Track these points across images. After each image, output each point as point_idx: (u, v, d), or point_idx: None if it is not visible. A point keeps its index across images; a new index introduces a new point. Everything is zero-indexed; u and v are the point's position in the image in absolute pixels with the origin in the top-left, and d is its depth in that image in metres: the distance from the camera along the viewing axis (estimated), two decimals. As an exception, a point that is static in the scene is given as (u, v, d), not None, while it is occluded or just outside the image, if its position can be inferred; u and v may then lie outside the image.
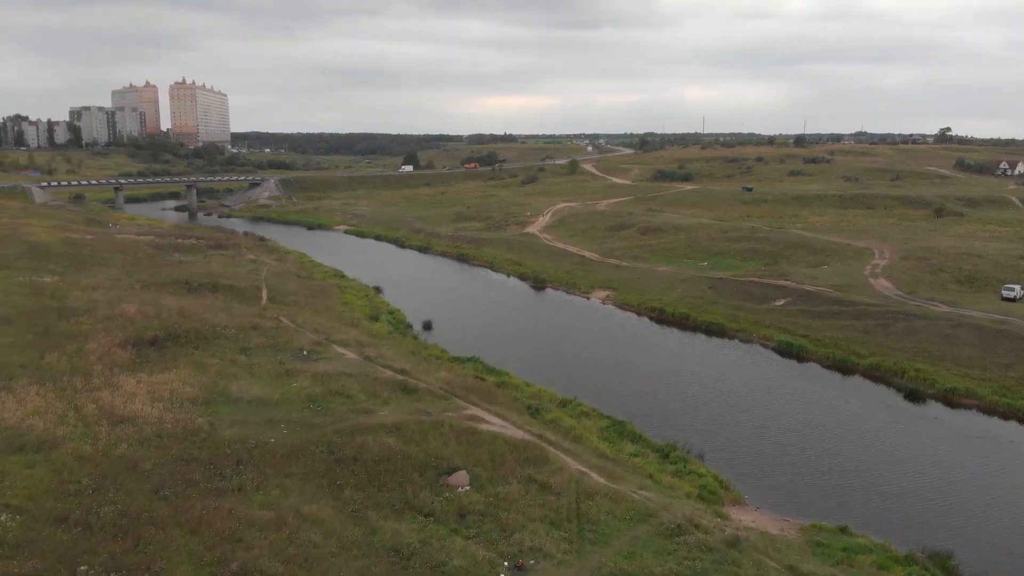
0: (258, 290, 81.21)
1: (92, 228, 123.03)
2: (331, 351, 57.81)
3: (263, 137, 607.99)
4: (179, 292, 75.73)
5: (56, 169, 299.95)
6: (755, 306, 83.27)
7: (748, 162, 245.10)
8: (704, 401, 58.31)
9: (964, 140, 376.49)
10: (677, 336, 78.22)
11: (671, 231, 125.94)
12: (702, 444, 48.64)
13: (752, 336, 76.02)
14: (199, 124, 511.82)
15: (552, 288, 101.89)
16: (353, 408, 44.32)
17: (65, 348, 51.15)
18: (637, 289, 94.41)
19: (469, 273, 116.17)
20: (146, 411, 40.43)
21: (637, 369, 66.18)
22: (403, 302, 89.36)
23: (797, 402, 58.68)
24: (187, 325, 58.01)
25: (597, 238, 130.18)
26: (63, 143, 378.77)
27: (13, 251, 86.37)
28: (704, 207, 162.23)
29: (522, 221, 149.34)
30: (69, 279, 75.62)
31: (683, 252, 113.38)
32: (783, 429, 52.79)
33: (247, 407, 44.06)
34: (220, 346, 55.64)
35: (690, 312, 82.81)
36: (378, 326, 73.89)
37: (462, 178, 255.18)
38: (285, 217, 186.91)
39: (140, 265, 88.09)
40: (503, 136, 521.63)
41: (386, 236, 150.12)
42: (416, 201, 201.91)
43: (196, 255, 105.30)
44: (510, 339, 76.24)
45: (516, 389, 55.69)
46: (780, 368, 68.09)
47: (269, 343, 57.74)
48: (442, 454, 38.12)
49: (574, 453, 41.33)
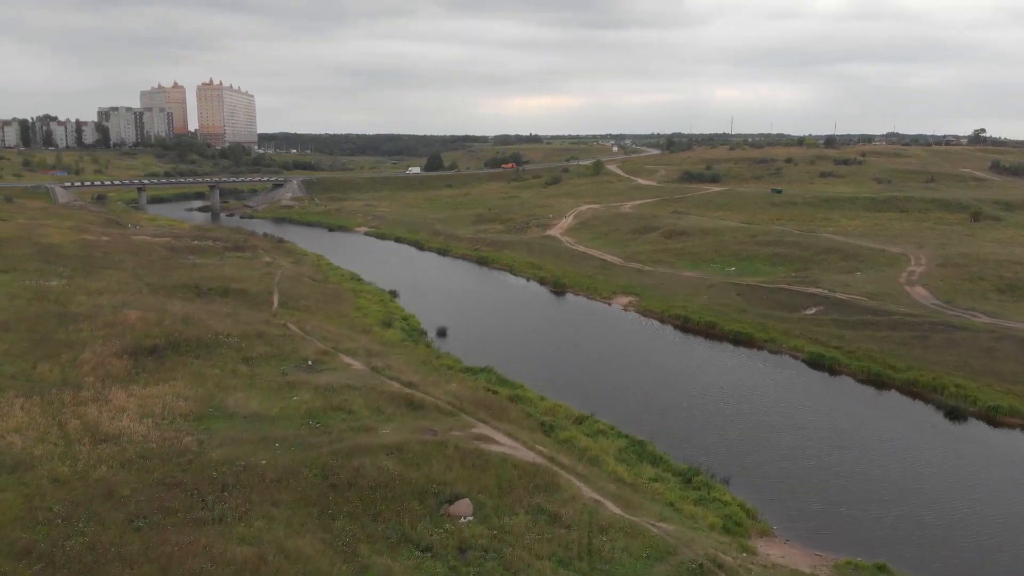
0: (270, 294, 79.12)
1: (110, 229, 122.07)
2: (337, 361, 55.31)
3: (290, 138, 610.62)
4: (188, 296, 73.85)
5: (83, 169, 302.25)
6: (785, 315, 79.59)
7: (777, 163, 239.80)
8: (730, 418, 54.97)
9: (999, 142, 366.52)
10: (702, 346, 74.82)
11: (697, 234, 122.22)
12: (728, 466, 45.41)
13: (781, 347, 72.42)
14: (226, 124, 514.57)
15: (572, 293, 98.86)
16: (354, 425, 41.67)
17: (60, 357, 49.16)
18: (661, 295, 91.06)
19: (488, 277, 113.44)
20: (132, 428, 38.11)
21: (659, 382, 62.96)
22: (418, 307, 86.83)
23: (830, 420, 55.14)
24: (189, 333, 55.83)
25: (620, 241, 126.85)
26: (91, 143, 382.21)
27: (24, 253, 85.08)
28: (732, 209, 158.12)
29: (544, 223, 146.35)
30: (76, 283, 73.97)
31: (709, 256, 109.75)
32: (815, 450, 49.35)
33: (242, 423, 41.63)
34: (222, 355, 53.37)
35: (717, 320, 79.30)
36: (390, 333, 71.39)
37: (485, 179, 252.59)
38: (307, 218, 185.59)
39: (152, 268, 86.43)
40: (528, 137, 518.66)
41: (406, 238, 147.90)
42: (438, 202, 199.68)
43: (211, 257, 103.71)
44: (526, 347, 73.35)
45: (530, 403, 52.80)
46: (811, 382, 64.51)
47: (273, 352, 55.37)
48: (445, 479, 35.30)
49: (588, 478, 38.32)
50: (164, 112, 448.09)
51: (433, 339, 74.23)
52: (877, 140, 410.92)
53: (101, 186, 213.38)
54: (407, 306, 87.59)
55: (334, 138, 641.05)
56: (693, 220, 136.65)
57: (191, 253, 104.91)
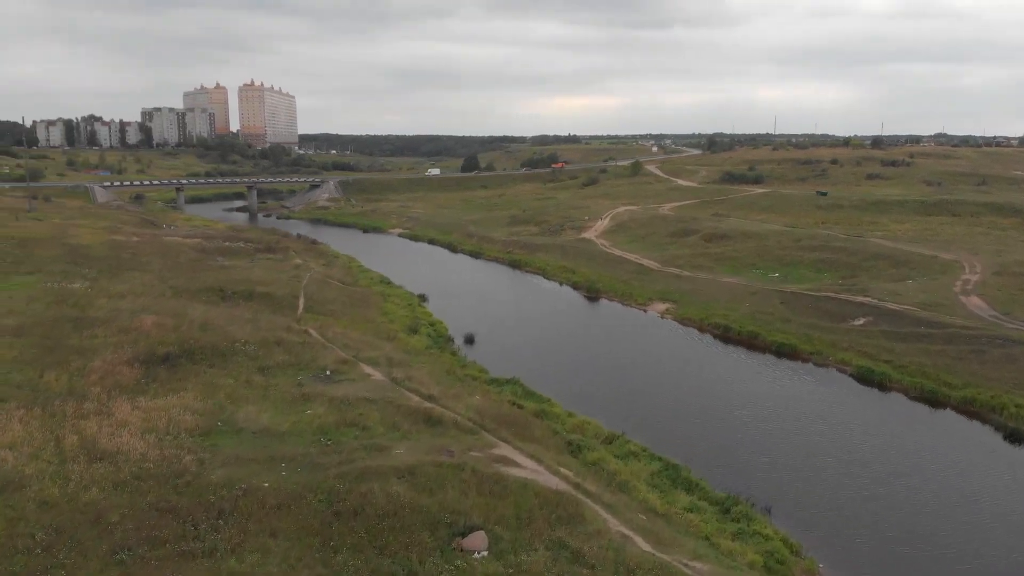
0: (295, 298, 77.25)
1: (143, 229, 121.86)
2: (357, 371, 52.90)
3: (331, 138, 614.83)
4: (212, 300, 72.25)
5: (126, 169, 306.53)
6: (831, 325, 75.44)
7: (822, 164, 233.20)
8: (773, 439, 51.38)
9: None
10: (744, 358, 71.06)
11: (739, 238, 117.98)
12: (770, 494, 41.96)
13: (828, 360, 68.39)
14: (267, 125, 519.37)
15: (606, 299, 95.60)
16: (367, 443, 39.10)
17: (69, 365, 47.46)
18: (700, 302, 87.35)
19: (520, 280, 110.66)
20: (132, 445, 35.96)
21: (697, 397, 59.50)
22: (447, 312, 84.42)
23: (881, 442, 51.24)
24: (205, 340, 53.91)
25: (658, 245, 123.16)
26: (135, 143, 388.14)
27: (51, 254, 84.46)
28: (775, 212, 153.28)
29: (579, 226, 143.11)
30: (100, 285, 72.84)
31: (751, 261, 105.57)
32: (865, 477, 45.57)
33: (250, 440, 39.34)
34: (237, 364, 51.29)
35: (759, 330, 75.43)
36: (415, 340, 68.98)
37: (520, 180, 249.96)
38: (342, 219, 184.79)
39: (178, 270, 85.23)
40: (567, 137, 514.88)
41: (439, 240, 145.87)
42: (472, 204, 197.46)
43: (241, 259, 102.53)
44: (556, 356, 70.36)
45: (557, 420, 49.84)
46: (860, 399, 60.53)
47: (291, 361, 53.16)
48: (459, 508, 32.50)
49: (616, 509, 35.24)
50: (206, 113, 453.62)
51: (460, 346, 71.68)
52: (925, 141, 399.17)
53: (140, 186, 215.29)
54: (435, 311, 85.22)
55: (374, 139, 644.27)
56: (734, 223, 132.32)
57: (221, 255, 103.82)
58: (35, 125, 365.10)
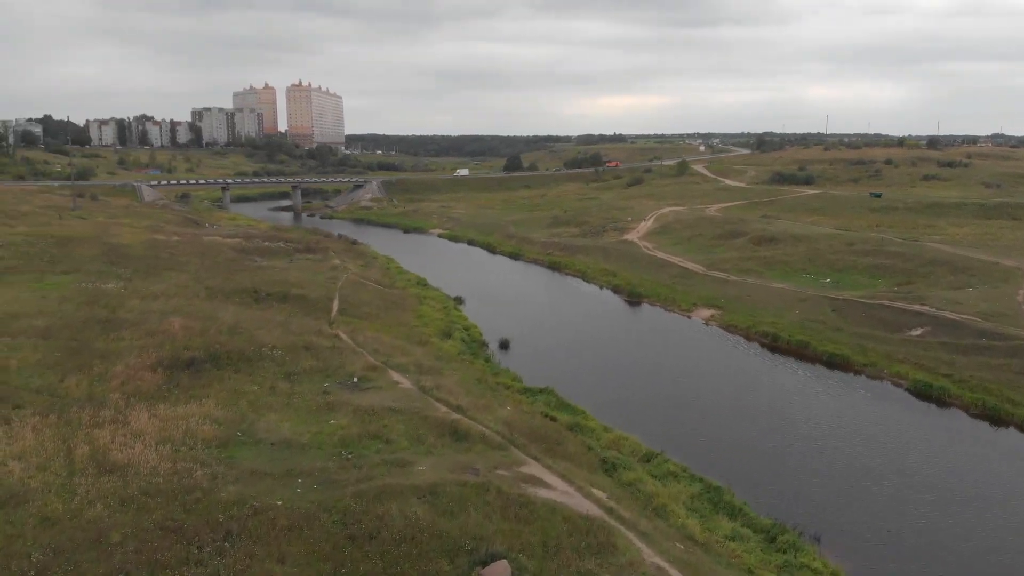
0: (330, 301, 75.95)
1: (185, 229, 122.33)
2: (385, 378, 51.11)
3: (378, 139, 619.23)
4: (246, 302, 71.31)
5: (176, 168, 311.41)
6: (886, 335, 71.52)
7: (876, 165, 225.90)
8: (823, 459, 48.17)
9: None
10: (793, 369, 67.59)
11: (788, 241, 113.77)
12: (819, 522, 38.92)
13: (882, 372, 64.67)
14: (314, 125, 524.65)
15: (648, 303, 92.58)
16: (388, 458, 37.17)
17: (92, 370, 46.51)
18: (747, 309, 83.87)
19: (559, 283, 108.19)
20: (144, 458, 34.54)
21: (742, 411, 56.41)
22: (482, 315, 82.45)
23: (940, 464, 47.69)
24: (232, 344, 52.63)
25: (704, 247, 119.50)
26: (184, 143, 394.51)
27: (90, 253, 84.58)
28: (826, 214, 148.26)
29: (622, 227, 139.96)
30: (134, 285, 72.43)
31: (801, 266, 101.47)
32: (924, 504, 42.21)
33: (268, 452, 37.70)
34: (263, 369, 49.91)
35: (809, 340, 71.82)
36: (448, 345, 67.03)
37: (563, 180, 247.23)
38: (384, 219, 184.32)
39: (215, 270, 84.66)
40: (612, 136, 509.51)
41: (478, 241, 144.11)
42: (513, 204, 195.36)
43: (280, 260, 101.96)
44: (593, 364, 67.74)
45: (591, 434, 47.33)
46: (917, 415, 56.85)
47: (319, 367, 51.61)
48: (482, 532, 30.33)
49: (651, 537, 32.69)
50: (255, 113, 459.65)
51: (494, 352, 69.52)
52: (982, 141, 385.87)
53: (186, 185, 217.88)
54: (471, 314, 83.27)
55: (419, 139, 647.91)
56: (784, 225, 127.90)
57: (260, 255, 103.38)
58: (88, 124, 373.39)
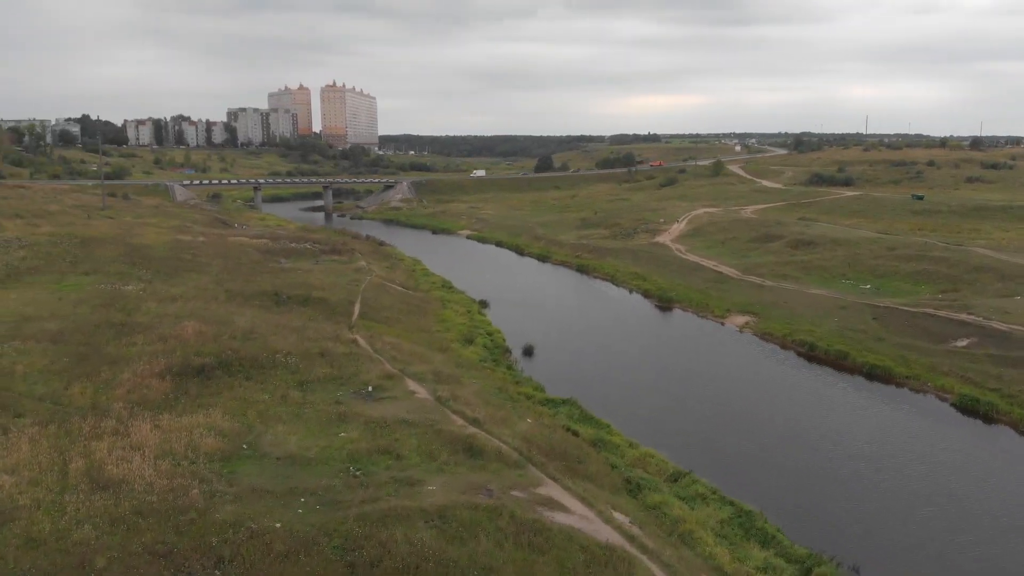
0: (351, 304, 74.30)
1: (212, 229, 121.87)
2: (401, 387, 49.09)
3: (411, 139, 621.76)
4: (266, 304, 69.91)
5: (211, 167, 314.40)
6: (930, 346, 67.97)
7: (917, 166, 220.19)
8: (865, 481, 45.13)
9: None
10: (831, 380, 64.36)
11: (827, 245, 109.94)
12: (860, 550, 36.07)
13: (926, 385, 61.25)
14: (348, 126, 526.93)
15: (680, 309, 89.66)
16: (398, 476, 35.14)
17: (99, 376, 45.14)
18: (783, 316, 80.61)
19: (587, 286, 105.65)
20: (140, 472, 32.85)
21: (777, 426, 53.50)
22: (507, 320, 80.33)
23: (989, 488, 44.40)
24: (245, 350, 50.96)
25: (738, 251, 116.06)
26: (220, 143, 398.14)
27: (112, 254, 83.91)
28: (866, 217, 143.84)
29: (653, 229, 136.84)
30: (154, 288, 71.40)
31: (841, 271, 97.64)
32: (974, 532, 39.07)
33: (273, 467, 35.86)
34: (276, 377, 48.17)
35: (849, 350, 68.47)
36: (470, 352, 64.99)
37: (594, 180, 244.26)
38: (413, 220, 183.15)
39: (237, 272, 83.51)
40: (647, 136, 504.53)
41: (506, 243, 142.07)
42: (543, 205, 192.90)
43: (305, 261, 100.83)
44: (620, 373, 65.18)
45: (615, 451, 44.87)
46: (964, 432, 53.47)
47: (333, 375, 49.74)
48: (491, 563, 28.12)
49: (676, 569, 30.17)
50: (289, 113, 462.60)
51: (517, 359, 67.34)
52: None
53: (218, 184, 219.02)
54: (495, 319, 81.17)
55: (452, 139, 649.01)
56: (822, 228, 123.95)
57: (285, 256, 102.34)
58: (126, 124, 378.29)
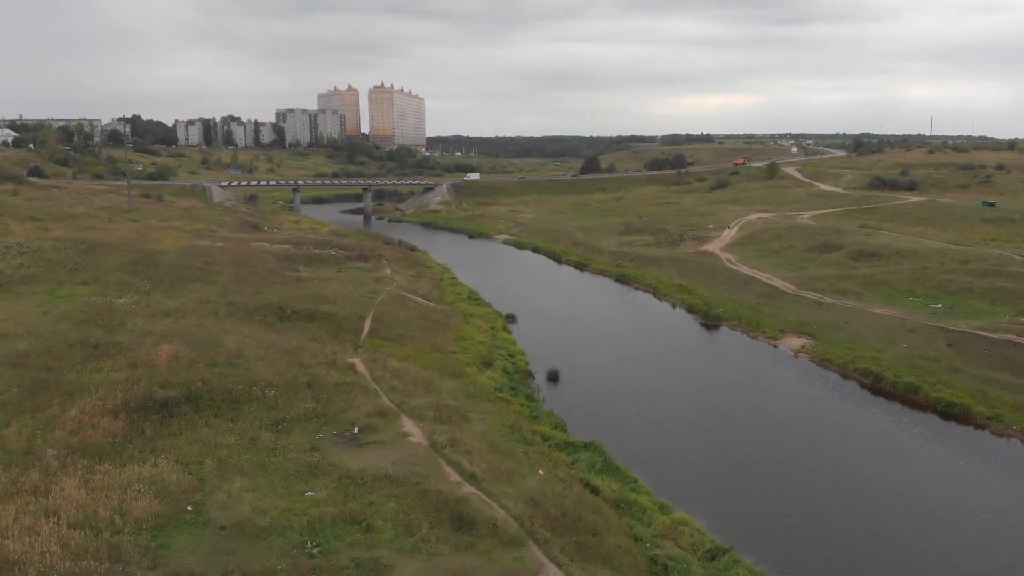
0: (362, 320, 68.02)
1: (237, 233, 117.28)
2: (394, 427, 42.35)
3: (461, 140, 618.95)
4: (267, 320, 64.09)
5: (257, 168, 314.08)
6: (1014, 380, 58.83)
7: (986, 170, 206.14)
8: (949, 558, 36.89)
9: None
10: (901, 420, 55.69)
11: (892, 257, 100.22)
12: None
13: (1011, 429, 52.36)
14: (395, 127, 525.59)
15: (728, 327, 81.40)
16: (361, 558, 28.43)
17: (46, 411, 39.46)
18: (844, 339, 71.86)
19: (627, 299, 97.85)
20: (44, 548, 26.77)
21: (840, 483, 45.17)
22: (534, 338, 73.46)
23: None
24: (221, 381, 44.79)
25: (794, 262, 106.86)
26: (268, 143, 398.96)
27: (118, 261, 79.17)
28: (933, 225, 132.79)
29: (701, 236, 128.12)
30: (151, 300, 66.22)
31: (907, 287, 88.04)
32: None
33: (214, 540, 29.46)
34: (250, 414, 41.90)
35: (920, 383, 59.70)
36: (486, 377, 58.03)
37: (642, 182, 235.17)
38: (451, 224, 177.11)
39: (247, 282, 77.99)
40: (699, 136, 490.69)
41: (543, 249, 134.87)
42: (586, 209, 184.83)
43: (327, 268, 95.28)
44: (656, 407, 57.45)
45: (642, 516, 37.38)
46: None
47: (317, 411, 43.25)
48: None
49: None
50: (337, 114, 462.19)
51: (539, 386, 60.24)
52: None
53: (256, 186, 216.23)
54: (521, 337, 74.23)
55: (501, 140, 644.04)
56: (886, 238, 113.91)
57: (306, 263, 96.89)
58: (176, 125, 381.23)
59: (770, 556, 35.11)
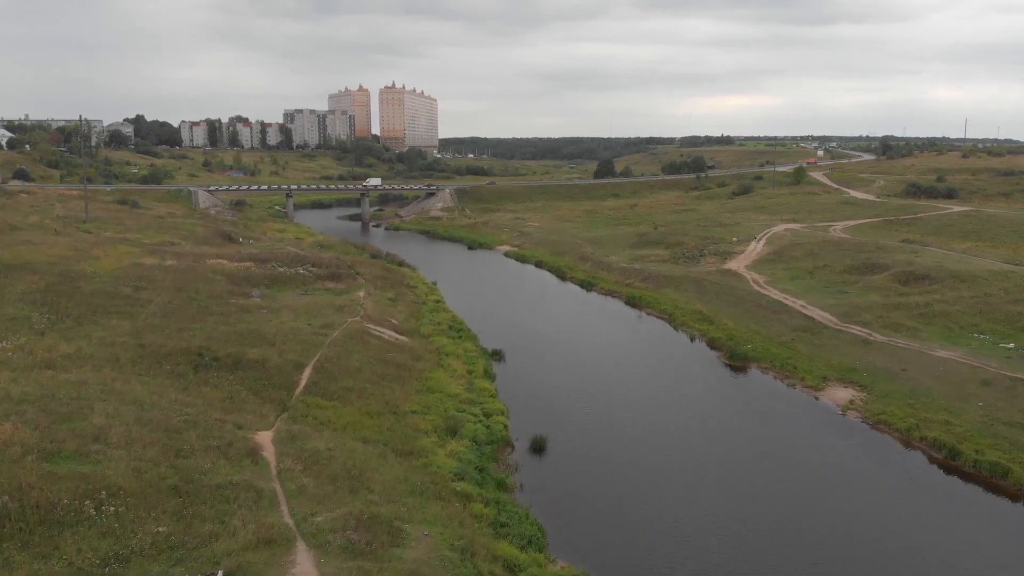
0: (301, 368, 54.86)
1: (201, 247, 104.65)
2: (277, 568, 29.08)
3: (476, 142, 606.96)
4: (178, 371, 51.37)
5: (261, 170, 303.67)
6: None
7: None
8: None
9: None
10: (990, 520, 41.72)
11: (946, 280, 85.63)
12: None
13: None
14: (406, 128, 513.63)
15: (758, 369, 67.57)
16: None
17: None
18: (903, 392, 57.88)
19: (637, 329, 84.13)
20: None
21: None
22: (521, 385, 60.74)
23: None
24: (46, 490, 31.59)
25: (832, 284, 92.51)
26: (274, 144, 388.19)
27: (26, 288, 66.34)
28: (983, 239, 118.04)
29: (724, 251, 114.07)
30: (41, 342, 53.40)
31: (970, 320, 73.54)
32: None
33: None
34: (70, 544, 28.87)
35: (1008, 463, 45.55)
36: (446, 453, 44.65)
37: (659, 187, 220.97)
38: (451, 233, 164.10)
39: (177, 314, 65.13)
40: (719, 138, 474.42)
41: (547, 263, 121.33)
42: (597, 216, 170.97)
43: (288, 291, 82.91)
44: (667, 498, 43.59)
45: None
46: None
47: (172, 540, 30.01)
48: None
49: None
50: (346, 115, 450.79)
51: (517, 464, 46.69)
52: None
53: (247, 191, 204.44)
54: (506, 382, 61.02)
55: (516, 142, 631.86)
56: (936, 256, 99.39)
57: (266, 284, 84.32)
58: (181, 125, 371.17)
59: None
